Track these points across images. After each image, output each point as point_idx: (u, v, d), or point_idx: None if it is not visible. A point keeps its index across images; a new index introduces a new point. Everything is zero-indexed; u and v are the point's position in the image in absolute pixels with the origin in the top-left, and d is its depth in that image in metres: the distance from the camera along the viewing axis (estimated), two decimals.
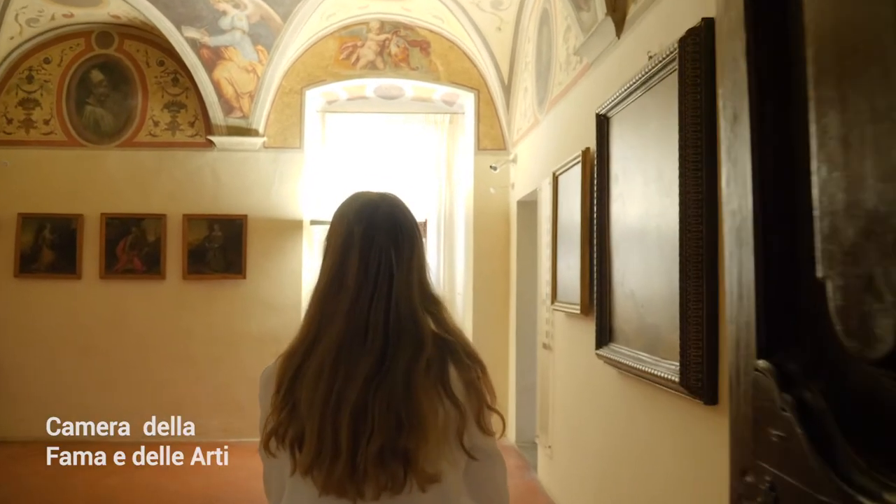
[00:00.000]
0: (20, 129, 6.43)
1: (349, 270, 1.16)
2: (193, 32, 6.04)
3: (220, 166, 6.40)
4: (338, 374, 1.12)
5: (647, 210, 2.76)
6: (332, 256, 1.20)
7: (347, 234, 1.18)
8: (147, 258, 6.26)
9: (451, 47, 6.56)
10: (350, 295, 1.15)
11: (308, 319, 1.20)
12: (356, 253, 1.16)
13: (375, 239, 1.17)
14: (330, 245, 1.22)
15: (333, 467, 1.09)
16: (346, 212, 1.22)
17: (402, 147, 6.79)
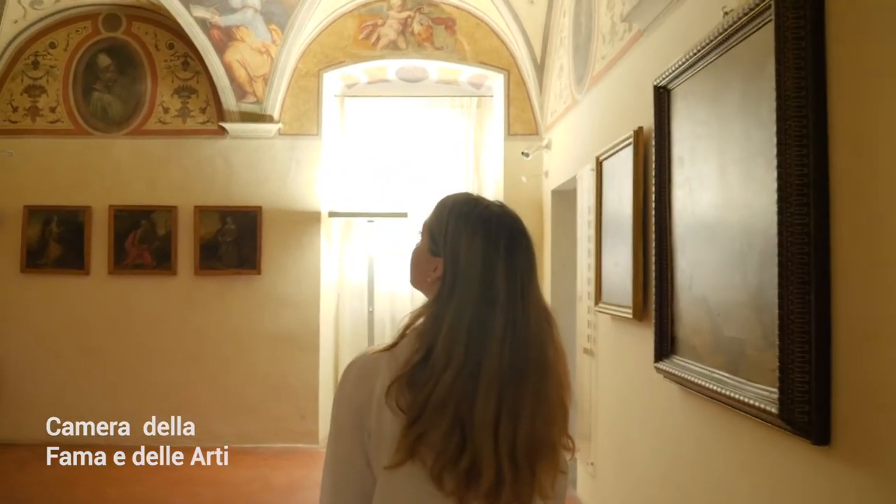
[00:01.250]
0: (26, 118, 6.09)
1: (498, 284, 1.14)
2: (203, 11, 5.63)
3: (233, 155, 6.00)
4: (504, 401, 1.11)
5: (727, 198, 2.28)
6: (472, 266, 1.15)
7: (490, 245, 1.16)
8: (157, 252, 5.90)
9: (478, 24, 6.09)
10: (502, 312, 1.13)
11: (450, 333, 1.12)
12: (503, 266, 1.15)
13: (517, 251, 1.17)
14: (465, 253, 1.16)
15: (497, 494, 1.09)
16: (479, 219, 1.19)
17: (427, 133, 6.35)
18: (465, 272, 1.15)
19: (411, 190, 6.25)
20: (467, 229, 1.18)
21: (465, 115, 6.34)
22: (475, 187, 6.28)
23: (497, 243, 1.16)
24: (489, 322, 1.12)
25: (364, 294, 6.08)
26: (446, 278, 1.17)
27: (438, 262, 1.20)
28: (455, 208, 1.22)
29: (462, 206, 1.22)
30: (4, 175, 5.99)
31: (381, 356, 1.17)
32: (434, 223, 1.24)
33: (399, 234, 6.21)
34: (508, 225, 1.20)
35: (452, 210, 1.22)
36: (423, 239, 1.27)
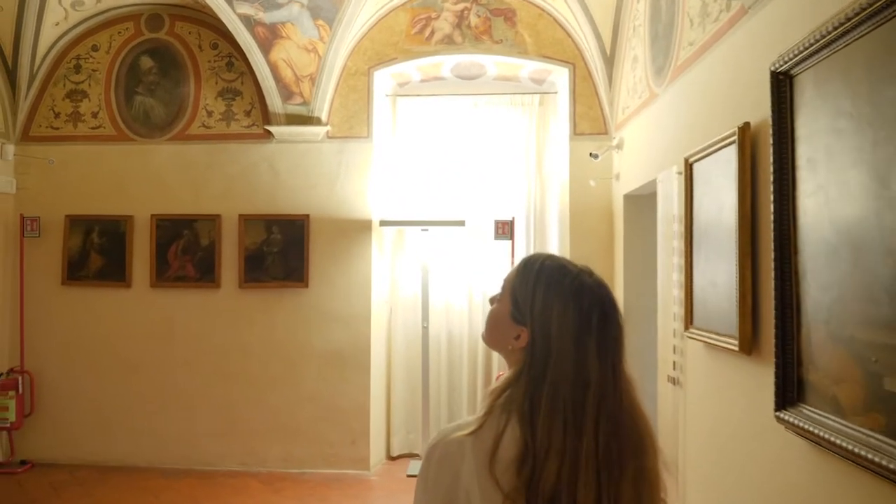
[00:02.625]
0: (68, 124, 5.88)
1: (590, 363, 1.10)
2: (247, 8, 5.30)
3: (279, 160, 5.65)
4: (603, 486, 1.07)
5: (886, 213, 1.75)
6: (564, 343, 1.11)
7: (583, 320, 1.12)
8: (200, 264, 5.59)
9: (540, 15, 5.59)
10: (595, 391, 1.09)
11: (548, 418, 1.07)
12: (594, 343, 1.11)
13: (607, 326, 1.13)
14: (557, 328, 1.12)
15: None
16: (571, 291, 1.14)
17: (484, 134, 5.87)
18: (557, 349, 1.11)
19: (468, 196, 5.78)
20: (559, 301, 1.13)
21: (526, 114, 5.84)
22: (538, 192, 5.78)
23: (590, 318, 1.12)
24: (584, 403, 1.09)
25: (418, 308, 5.63)
26: (536, 353, 1.12)
27: (523, 331, 1.15)
28: (544, 275, 1.16)
29: (552, 275, 1.16)
30: (46, 183, 5.78)
31: (464, 440, 1.11)
32: (519, 288, 1.18)
33: (455, 244, 5.76)
34: (601, 298, 1.15)
35: (540, 277, 1.16)
36: (505, 301, 1.20)
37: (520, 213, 5.72)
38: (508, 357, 1.19)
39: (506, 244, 5.46)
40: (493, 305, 1.24)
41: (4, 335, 5.67)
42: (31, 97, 5.87)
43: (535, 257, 1.22)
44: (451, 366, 5.75)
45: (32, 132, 5.89)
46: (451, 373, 5.75)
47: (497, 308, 1.22)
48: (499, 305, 1.21)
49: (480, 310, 5.70)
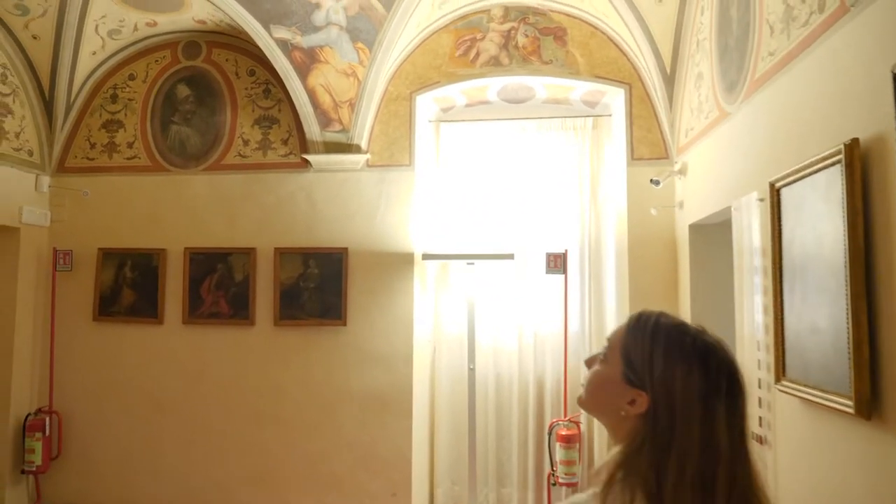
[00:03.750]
0: (103, 154, 5.72)
1: (720, 432, 1.01)
2: (284, 32, 5.07)
3: (317, 190, 5.37)
4: None
5: None
6: (690, 409, 1.02)
7: (711, 384, 1.03)
8: (234, 300, 5.31)
9: (592, 33, 5.22)
10: (725, 465, 1.00)
11: (675, 493, 0.98)
12: (724, 410, 1.03)
13: (735, 391, 1.06)
14: (681, 392, 1.03)
15: None
16: (695, 352, 1.05)
17: (534, 161, 5.49)
18: (683, 416, 1.02)
19: (517, 227, 5.38)
20: (682, 363, 1.05)
21: (578, 139, 5.45)
22: (592, 222, 5.35)
23: (718, 382, 1.04)
24: (714, 478, 0.99)
25: (463, 348, 5.22)
26: (658, 420, 1.03)
27: (640, 396, 1.06)
28: (662, 334, 1.08)
29: (672, 333, 1.09)
30: (80, 216, 5.61)
31: None
32: (634, 347, 1.09)
33: (504, 279, 5.35)
34: (728, 360, 1.07)
35: (658, 335, 1.08)
36: (614, 362, 1.10)
37: (573, 244, 5.29)
38: (617, 424, 1.09)
39: (558, 278, 5.04)
40: (596, 366, 1.14)
41: (34, 373, 5.47)
42: (68, 128, 5.75)
43: (646, 314, 1.13)
44: (499, 411, 5.29)
45: (68, 163, 5.75)
46: (500, 419, 5.29)
47: (603, 370, 1.12)
48: (605, 367, 1.12)
49: (531, 349, 5.26)
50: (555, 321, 5.21)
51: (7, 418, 5.22)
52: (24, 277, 5.41)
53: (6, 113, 5.34)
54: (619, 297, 5.10)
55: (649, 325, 1.10)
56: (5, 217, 5.27)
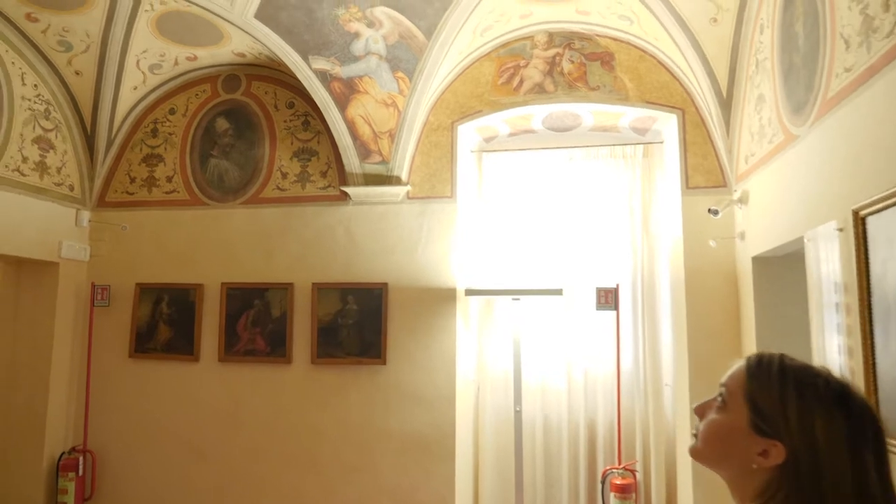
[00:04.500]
0: (143, 189, 5.67)
1: (872, 485, 0.94)
2: (322, 63, 4.96)
3: (356, 223, 5.20)
4: None
5: None
6: (838, 460, 0.93)
7: (857, 432, 0.95)
8: (271, 337, 5.14)
9: (641, 57, 5.00)
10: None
11: None
12: (872, 458, 0.95)
13: (880, 437, 0.98)
14: (825, 441, 0.94)
15: None
16: (835, 396, 0.97)
17: (582, 191, 5.25)
18: (831, 467, 0.93)
19: (566, 261, 5.11)
20: (821, 409, 0.96)
21: (628, 168, 5.19)
22: (645, 255, 5.07)
23: (863, 429, 0.95)
24: None
25: (509, 388, 4.94)
26: (800, 473, 0.95)
27: (774, 446, 0.97)
28: (791, 377, 0.99)
29: (802, 377, 0.99)
30: (119, 250, 5.55)
31: None
32: (761, 392, 1.00)
33: (552, 315, 5.08)
34: (867, 404, 0.98)
35: (787, 379, 0.99)
36: (737, 410, 1.02)
37: (625, 279, 5.00)
38: (745, 477, 1.01)
39: (609, 315, 4.75)
40: (712, 415, 1.05)
41: (69, 410, 5.37)
42: (109, 163, 5.73)
43: (767, 356, 1.05)
44: (548, 456, 4.98)
45: (108, 198, 5.72)
46: (549, 465, 4.97)
47: (723, 418, 1.04)
48: (725, 415, 1.04)
49: (581, 390, 4.96)
50: (606, 360, 4.91)
51: (41, 457, 5.12)
52: (61, 313, 5.35)
53: (48, 148, 5.34)
54: (676, 334, 4.78)
55: (774, 368, 1.01)
56: (45, 252, 5.23)
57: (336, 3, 4.62)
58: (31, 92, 5.21)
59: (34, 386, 5.20)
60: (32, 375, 5.21)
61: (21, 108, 5.12)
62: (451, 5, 4.62)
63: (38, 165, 5.23)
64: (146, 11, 4.90)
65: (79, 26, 5.01)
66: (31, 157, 5.16)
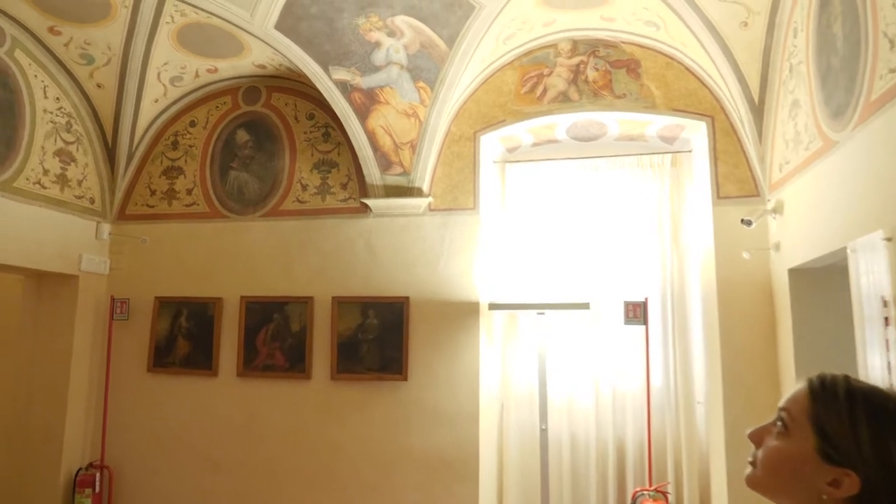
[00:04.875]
0: (163, 202, 5.63)
1: None
2: (343, 73, 4.90)
3: (377, 236, 5.11)
4: None
5: None
6: None
7: None
8: (290, 352, 5.05)
9: (668, 64, 4.87)
10: None
11: None
12: None
13: None
14: None
15: None
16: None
17: (608, 202, 5.11)
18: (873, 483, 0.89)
19: (592, 274, 4.96)
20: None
21: (656, 177, 5.05)
22: (674, 267, 4.90)
23: None
24: None
25: (534, 405, 4.79)
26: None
27: (846, 476, 0.91)
28: (860, 400, 0.93)
29: (872, 399, 0.93)
30: (138, 264, 5.51)
31: None
32: (829, 417, 0.93)
33: (578, 330, 4.92)
34: None
35: (855, 403, 0.92)
36: (801, 436, 0.95)
37: (654, 292, 4.84)
38: None
39: (638, 329, 4.59)
40: (772, 442, 0.99)
41: (87, 425, 5.31)
42: (129, 175, 5.70)
43: (830, 378, 0.98)
44: (575, 477, 4.80)
45: (128, 211, 5.69)
46: (576, 486, 4.79)
47: (786, 445, 0.98)
48: (787, 442, 0.97)
49: (609, 407, 4.78)
50: (635, 376, 4.74)
51: (58, 473, 5.05)
52: (80, 326, 5.31)
53: (69, 161, 5.32)
54: (709, 349, 4.60)
55: (840, 391, 0.95)
56: (65, 265, 5.20)
57: (356, 12, 4.55)
58: (53, 105, 5.21)
59: (52, 400, 5.15)
60: (50, 390, 5.16)
61: (43, 121, 5.11)
62: (473, 13, 4.53)
63: (59, 178, 5.21)
64: (167, 23, 4.88)
65: (100, 39, 5.00)
66: (52, 169, 5.15)
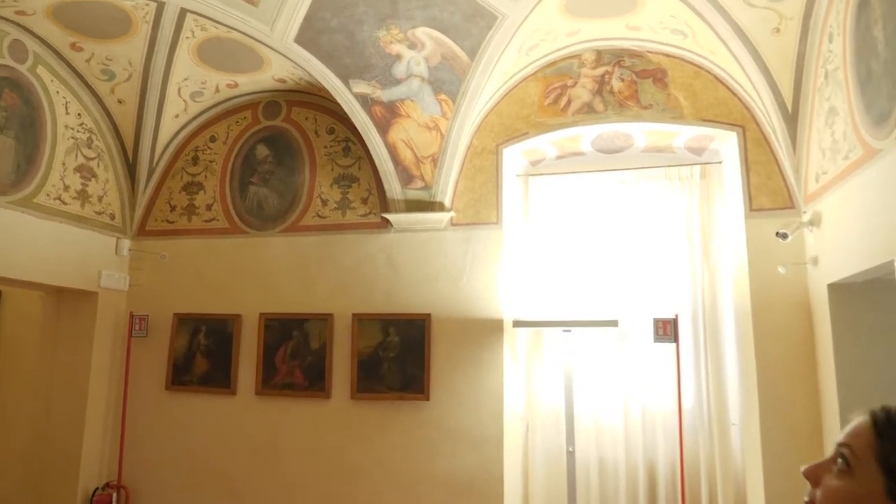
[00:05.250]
0: (182, 217, 5.59)
1: None
2: (363, 87, 4.83)
3: (398, 251, 5.00)
4: None
5: None
6: None
7: None
8: (309, 370, 4.94)
9: (696, 73, 4.73)
10: None
11: None
12: None
13: None
14: None
15: None
16: None
17: (635, 215, 4.95)
18: None
19: (620, 290, 4.80)
20: None
21: (685, 190, 4.89)
22: (706, 284, 4.73)
23: None
24: None
25: (560, 426, 4.61)
26: None
27: None
28: None
29: None
30: (157, 280, 5.46)
31: None
32: None
33: (606, 348, 4.76)
34: None
35: None
36: (867, 474, 0.88)
37: (684, 309, 4.67)
38: None
39: (668, 348, 4.42)
40: (833, 481, 0.90)
41: (105, 444, 5.23)
42: (150, 191, 5.67)
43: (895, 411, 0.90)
44: (603, 500, 4.61)
45: (148, 226, 5.65)
46: None
47: (849, 485, 0.88)
48: (850, 481, 0.88)
49: (639, 429, 4.60)
50: (666, 396, 4.56)
51: (75, 492, 4.98)
52: (99, 343, 5.25)
53: (90, 177, 5.30)
54: (744, 368, 4.41)
55: None
56: (84, 281, 5.16)
57: (377, 24, 4.48)
58: (75, 121, 5.20)
59: (70, 419, 5.09)
60: (68, 408, 5.11)
61: (64, 137, 5.10)
62: (495, 24, 4.44)
63: (80, 194, 5.19)
64: (187, 38, 4.85)
65: (121, 55, 4.99)
66: (72, 185, 5.13)
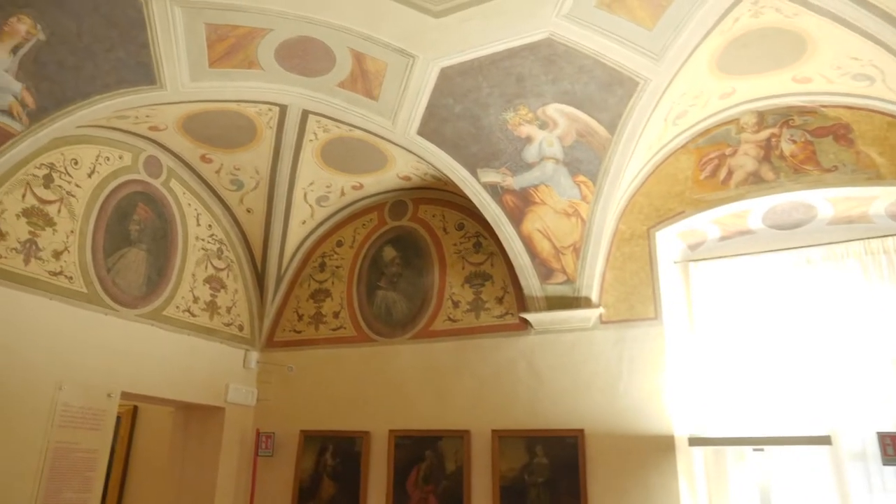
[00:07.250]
0: (310, 326, 5.32)
1: None
2: (492, 175, 4.42)
3: (540, 356, 4.38)
4: None
5: None
6: None
7: None
8: (445, 497, 4.32)
9: (891, 124, 3.92)
10: None
11: None
12: None
13: None
14: None
15: None
16: None
17: (829, 302, 4.03)
18: None
19: (827, 397, 3.83)
20: None
21: (892, 266, 3.94)
22: None
23: None
24: None
25: None
26: None
27: None
28: None
29: None
30: (284, 394, 5.17)
31: None
32: None
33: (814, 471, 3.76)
34: None
35: None
36: None
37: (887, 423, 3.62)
38: None
39: None
40: None
41: None
42: (278, 300, 5.50)
43: None
44: None
45: (276, 337, 5.44)
46: None
47: None
48: None
49: None
50: None
51: None
52: (225, 462, 4.96)
53: (220, 287, 5.19)
54: None
55: None
56: (212, 396, 4.95)
57: (504, 106, 4.09)
58: (206, 232, 5.16)
59: None
60: None
61: (195, 249, 5.04)
62: (636, 91, 3.90)
63: (209, 305, 5.06)
64: (310, 141, 4.71)
65: (248, 163, 4.93)
66: (202, 297, 5.02)
